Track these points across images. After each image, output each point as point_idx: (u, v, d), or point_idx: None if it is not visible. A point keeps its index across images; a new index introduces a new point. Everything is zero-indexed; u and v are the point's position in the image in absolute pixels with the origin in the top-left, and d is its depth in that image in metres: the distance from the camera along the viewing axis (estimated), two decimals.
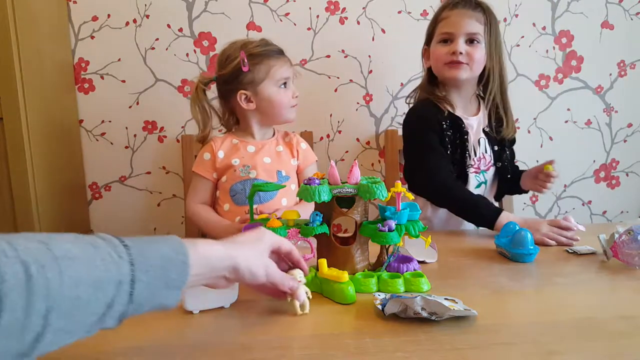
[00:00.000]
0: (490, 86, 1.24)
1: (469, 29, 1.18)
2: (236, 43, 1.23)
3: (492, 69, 1.22)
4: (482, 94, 1.29)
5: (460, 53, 1.17)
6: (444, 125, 1.21)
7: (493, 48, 1.21)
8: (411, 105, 1.33)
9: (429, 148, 1.20)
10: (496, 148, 1.29)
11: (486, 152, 1.28)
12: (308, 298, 0.69)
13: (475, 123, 1.27)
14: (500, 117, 1.28)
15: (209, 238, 1.08)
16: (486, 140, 1.27)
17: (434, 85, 1.28)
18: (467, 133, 1.23)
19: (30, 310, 0.39)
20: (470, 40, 1.19)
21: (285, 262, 0.71)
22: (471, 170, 1.25)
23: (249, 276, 0.58)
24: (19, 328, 0.38)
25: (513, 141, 1.34)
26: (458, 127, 1.22)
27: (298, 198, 1.07)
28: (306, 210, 1.02)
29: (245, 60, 1.18)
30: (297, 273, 0.69)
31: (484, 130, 1.27)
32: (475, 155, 1.25)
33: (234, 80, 1.21)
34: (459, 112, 1.24)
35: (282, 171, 1.25)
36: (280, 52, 1.24)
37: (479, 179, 1.27)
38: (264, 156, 1.25)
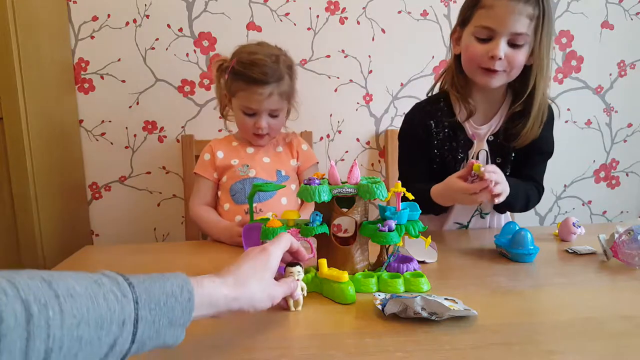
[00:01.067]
0: (530, 84, 1.04)
1: (514, 28, 0.97)
2: (247, 47, 1.22)
3: (534, 67, 1.02)
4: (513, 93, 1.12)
5: (500, 58, 0.98)
6: (434, 130, 1.10)
7: (543, 44, 1.00)
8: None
9: (401, 157, 1.18)
10: (498, 160, 1.12)
11: (486, 163, 1.12)
12: (303, 296, 0.70)
13: (485, 132, 1.12)
14: (518, 122, 1.07)
15: (210, 238, 1.08)
16: (487, 152, 1.12)
17: (463, 76, 1.09)
18: (469, 143, 1.11)
19: (29, 353, 0.37)
20: (514, 41, 0.98)
21: (312, 248, 0.73)
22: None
23: (253, 311, 0.59)
24: None
25: (540, 152, 1.13)
26: (455, 134, 1.11)
27: (300, 200, 1.07)
28: (308, 213, 1.02)
29: (229, 69, 1.18)
30: (295, 270, 0.70)
31: (487, 140, 1.12)
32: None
33: (226, 78, 1.21)
34: (472, 119, 1.11)
35: (282, 171, 1.25)
36: (259, 81, 1.14)
37: None
38: (263, 156, 1.26)
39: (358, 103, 1.64)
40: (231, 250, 1.04)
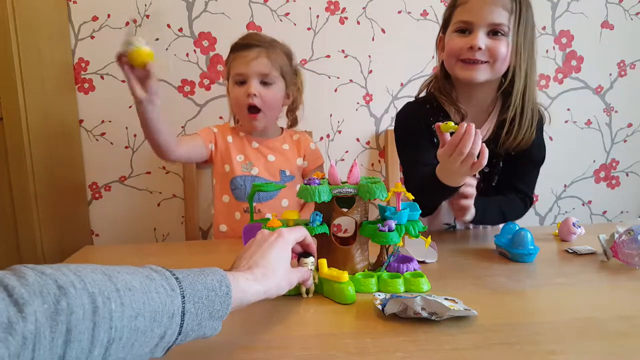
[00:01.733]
0: (516, 87, 1.01)
1: (492, 19, 0.96)
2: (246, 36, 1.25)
3: (518, 67, 1.00)
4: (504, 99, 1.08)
5: (480, 48, 0.97)
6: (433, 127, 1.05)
7: (522, 41, 0.99)
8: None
9: (404, 147, 1.12)
10: (486, 170, 1.08)
11: (475, 174, 1.09)
12: (315, 284, 0.74)
13: None
14: (510, 127, 1.04)
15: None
16: None
17: (449, 82, 1.08)
18: None
19: (95, 342, 0.40)
20: (494, 32, 0.97)
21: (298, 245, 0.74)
22: None
23: (277, 295, 0.62)
24: (84, 359, 0.39)
25: (531, 159, 1.10)
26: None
27: (302, 201, 1.08)
28: (309, 214, 1.03)
29: (228, 53, 1.21)
30: (309, 261, 0.73)
31: None
32: None
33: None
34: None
35: (286, 171, 1.25)
36: (247, 45, 1.18)
37: None
38: (268, 153, 1.25)
39: (358, 103, 1.64)
40: (231, 250, 1.04)
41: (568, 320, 0.65)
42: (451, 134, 0.83)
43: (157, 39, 1.53)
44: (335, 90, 1.62)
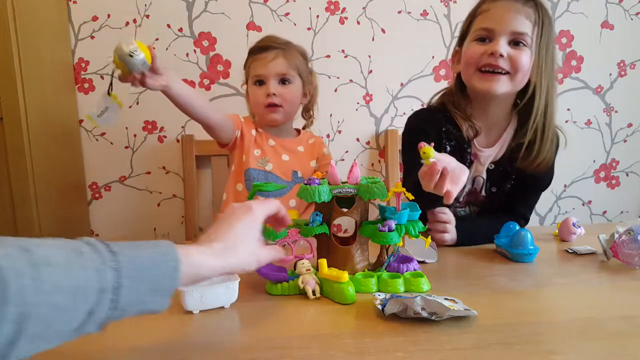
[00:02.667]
0: (536, 105, 0.96)
1: (515, 27, 0.92)
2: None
3: (538, 83, 0.94)
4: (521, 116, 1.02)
5: (501, 55, 0.91)
6: (444, 138, 1.02)
7: (544, 55, 0.93)
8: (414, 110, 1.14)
9: (407, 167, 1.07)
10: (493, 190, 1.06)
11: (481, 192, 1.07)
12: (317, 284, 0.74)
13: (486, 156, 1.04)
14: (531, 148, 0.99)
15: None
16: (484, 180, 1.06)
17: (464, 95, 1.03)
18: (467, 159, 1.03)
19: (2, 318, 0.38)
20: (515, 42, 0.93)
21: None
22: (455, 204, 1.07)
23: (241, 273, 0.60)
24: None
25: (540, 183, 1.07)
26: (461, 149, 1.02)
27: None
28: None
29: (247, 57, 1.27)
30: (306, 263, 0.74)
31: (487, 168, 1.05)
32: (465, 190, 1.06)
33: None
34: (476, 139, 1.03)
35: (298, 172, 1.28)
36: (264, 47, 1.23)
37: (462, 212, 1.12)
38: (283, 153, 1.28)
39: (358, 103, 1.64)
40: None
41: (568, 320, 0.65)
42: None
43: (157, 39, 1.53)
44: (335, 90, 1.62)
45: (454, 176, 0.73)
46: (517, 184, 1.06)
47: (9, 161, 1.25)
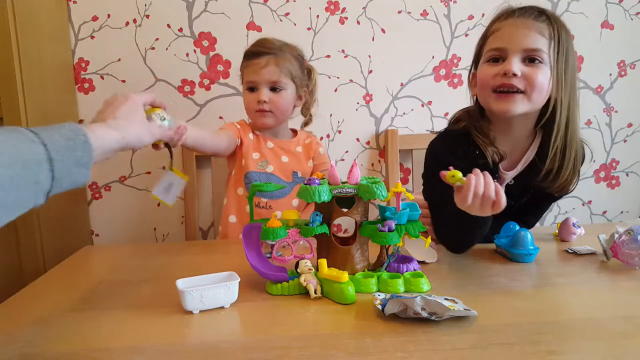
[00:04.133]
0: (557, 122, 0.91)
1: (527, 43, 0.88)
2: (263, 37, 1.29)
3: (559, 100, 0.90)
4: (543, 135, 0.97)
5: (515, 74, 0.87)
6: (472, 163, 0.92)
7: (562, 70, 0.89)
8: (438, 134, 1.07)
9: (434, 199, 0.99)
10: (511, 203, 0.94)
11: None
12: (319, 284, 0.75)
13: (509, 177, 1.01)
14: (551, 167, 0.94)
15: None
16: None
17: (485, 119, 0.98)
18: None
19: None
20: (530, 59, 0.89)
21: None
22: None
23: (140, 145, 0.71)
24: None
25: (553, 196, 1.03)
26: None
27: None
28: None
29: (242, 61, 1.26)
30: (309, 262, 0.75)
31: (507, 184, 1.02)
32: None
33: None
34: (501, 163, 0.99)
35: (298, 172, 1.28)
36: (257, 53, 1.22)
37: None
38: (282, 154, 1.29)
39: (358, 103, 1.64)
40: (231, 250, 1.04)
41: (568, 320, 0.65)
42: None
43: (157, 39, 1.53)
44: (335, 90, 1.62)
45: (487, 181, 0.75)
46: (533, 197, 1.03)
47: None
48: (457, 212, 0.80)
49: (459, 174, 0.76)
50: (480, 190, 0.74)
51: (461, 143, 0.98)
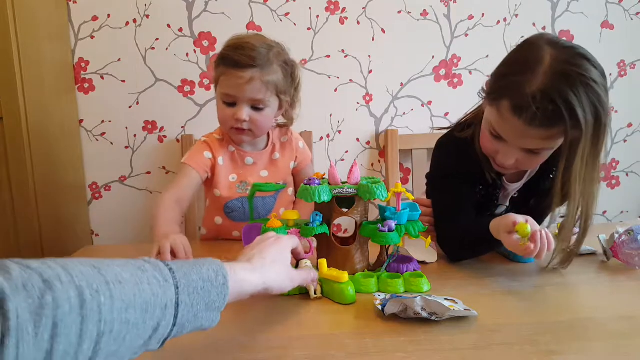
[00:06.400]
0: (572, 211, 0.84)
1: (528, 145, 0.82)
2: (241, 34, 1.11)
3: (573, 198, 0.82)
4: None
5: (510, 164, 0.85)
6: (477, 182, 0.96)
7: (584, 165, 0.78)
8: (446, 135, 1.04)
9: (442, 207, 0.97)
10: (514, 212, 0.96)
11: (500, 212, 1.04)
12: (319, 284, 0.75)
13: (513, 189, 1.00)
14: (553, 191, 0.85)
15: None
16: (507, 207, 1.03)
17: None
18: (496, 198, 0.99)
19: (83, 336, 0.39)
20: (529, 151, 0.83)
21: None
22: None
23: (279, 292, 0.62)
24: (73, 353, 0.39)
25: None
26: (494, 183, 0.97)
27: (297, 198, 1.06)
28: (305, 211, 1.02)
29: (217, 56, 1.08)
30: (309, 262, 0.74)
31: (512, 197, 1.02)
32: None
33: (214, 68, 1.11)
34: (505, 176, 0.98)
35: (281, 181, 1.19)
36: (240, 64, 1.02)
37: None
38: (261, 169, 1.18)
39: (358, 103, 1.64)
40: (231, 250, 1.04)
41: (568, 321, 0.65)
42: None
43: (157, 39, 1.53)
44: (335, 90, 1.62)
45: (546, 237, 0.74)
46: (537, 201, 1.00)
47: (9, 161, 1.25)
48: (481, 232, 0.81)
49: (526, 230, 0.72)
50: (539, 248, 0.73)
51: (470, 151, 0.95)
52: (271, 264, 0.61)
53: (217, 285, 0.51)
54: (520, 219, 0.75)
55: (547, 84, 0.75)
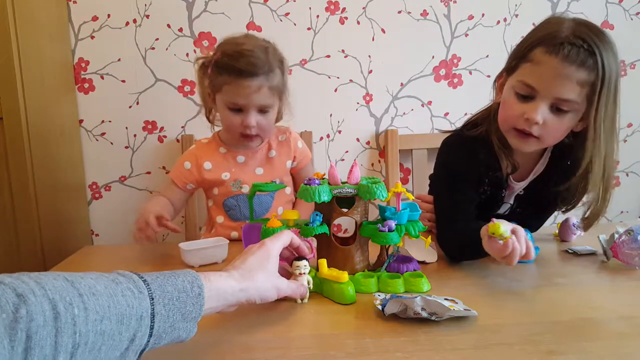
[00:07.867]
0: (594, 178, 0.86)
1: (559, 93, 0.83)
2: (232, 38, 1.10)
3: (596, 155, 0.86)
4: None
5: (537, 123, 0.84)
6: (483, 180, 0.97)
7: (601, 120, 0.85)
8: (454, 134, 1.04)
9: (445, 205, 0.98)
10: (518, 210, 1.04)
11: (504, 214, 1.05)
12: (309, 289, 0.72)
13: (518, 188, 1.01)
14: (565, 194, 0.91)
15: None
16: (511, 205, 1.03)
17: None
18: (501, 199, 1.00)
19: (59, 348, 0.40)
20: (557, 108, 0.84)
21: (289, 250, 0.73)
22: None
23: (261, 302, 0.61)
24: None
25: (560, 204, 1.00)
26: (499, 184, 0.98)
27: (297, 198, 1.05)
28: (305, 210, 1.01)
29: (212, 61, 1.08)
30: (302, 264, 0.71)
31: (517, 194, 1.02)
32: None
33: (209, 73, 1.10)
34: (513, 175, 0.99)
35: (277, 180, 1.19)
36: (248, 73, 1.03)
37: None
38: (256, 167, 1.18)
39: (358, 103, 1.64)
40: (231, 250, 1.03)
41: (568, 320, 0.65)
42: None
43: (157, 39, 1.53)
44: (335, 90, 1.62)
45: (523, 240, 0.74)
46: (538, 203, 1.02)
47: (9, 161, 1.25)
48: (472, 241, 0.81)
49: (500, 230, 0.72)
50: (517, 252, 0.73)
51: (478, 150, 0.95)
52: (249, 273, 0.60)
53: (192, 296, 0.51)
54: (494, 221, 0.75)
55: (576, 30, 0.84)
